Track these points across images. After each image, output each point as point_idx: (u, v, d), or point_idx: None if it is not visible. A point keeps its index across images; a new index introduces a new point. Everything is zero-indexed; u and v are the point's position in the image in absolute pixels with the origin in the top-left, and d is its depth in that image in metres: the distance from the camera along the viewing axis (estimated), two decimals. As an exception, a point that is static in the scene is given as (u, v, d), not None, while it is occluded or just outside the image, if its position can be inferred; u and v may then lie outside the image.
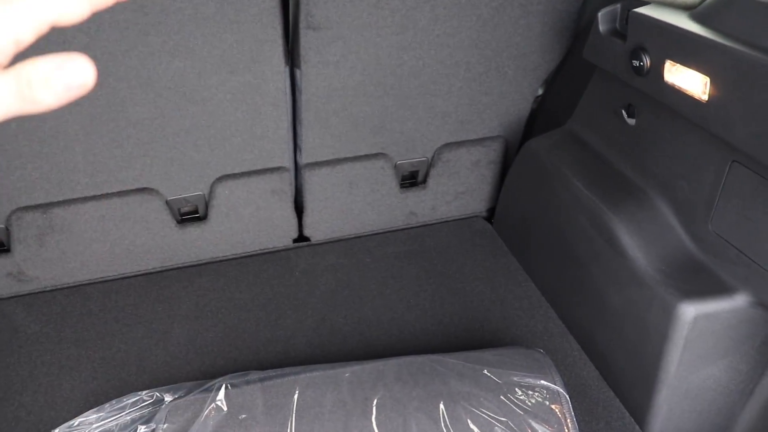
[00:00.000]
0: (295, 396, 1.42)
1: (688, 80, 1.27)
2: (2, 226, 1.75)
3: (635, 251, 1.45)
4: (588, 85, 1.73)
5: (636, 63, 1.40)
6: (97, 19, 1.45)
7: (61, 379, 1.60)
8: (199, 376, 1.59)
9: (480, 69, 1.80)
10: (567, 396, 1.41)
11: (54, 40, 1.45)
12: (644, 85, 1.44)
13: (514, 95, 1.89)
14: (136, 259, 1.89)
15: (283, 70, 1.66)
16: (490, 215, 2.13)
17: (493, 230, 2.06)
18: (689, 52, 1.27)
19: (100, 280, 1.89)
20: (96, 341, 1.70)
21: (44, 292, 1.86)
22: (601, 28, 1.53)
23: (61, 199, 1.74)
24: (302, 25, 1.60)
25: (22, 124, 1.57)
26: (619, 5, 1.51)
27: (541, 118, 2.03)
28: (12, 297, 1.85)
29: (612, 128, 1.64)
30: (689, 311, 1.30)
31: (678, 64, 1.29)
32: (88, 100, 1.57)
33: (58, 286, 1.87)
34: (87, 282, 1.89)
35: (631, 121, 1.56)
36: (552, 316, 1.75)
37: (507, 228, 2.00)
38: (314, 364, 1.53)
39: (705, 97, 1.24)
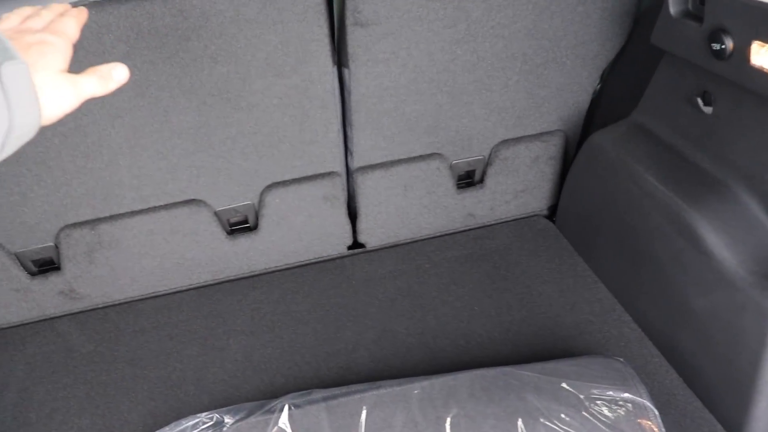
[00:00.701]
0: (363, 416, 1.34)
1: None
2: (52, 243, 1.71)
3: (722, 251, 1.34)
4: (655, 72, 1.62)
5: (716, 46, 1.29)
6: (135, 26, 1.39)
7: (119, 401, 1.55)
8: (258, 395, 1.53)
9: (537, 60, 1.69)
10: (655, 410, 1.31)
11: (93, 50, 1.39)
12: (725, 70, 1.32)
13: (573, 86, 1.78)
14: (187, 273, 1.83)
15: (331, 70, 1.58)
16: (552, 213, 2.03)
17: (555, 229, 1.96)
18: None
19: (152, 295, 1.84)
20: (151, 360, 1.65)
21: (96, 309, 1.82)
22: (672, 10, 1.42)
23: (108, 214, 1.69)
24: (349, 21, 1.52)
25: (65, 139, 1.51)
26: (693, -16, 1.39)
27: (600, 110, 1.92)
28: (65, 315, 1.81)
29: (685, 118, 1.52)
30: (791, 316, 1.19)
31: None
32: (130, 111, 1.51)
33: (110, 303, 1.83)
34: (138, 298, 1.84)
35: (708, 110, 1.44)
36: (627, 321, 1.65)
37: (571, 226, 1.90)
38: (379, 379, 1.45)
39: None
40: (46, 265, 1.76)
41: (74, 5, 0.92)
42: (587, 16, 1.65)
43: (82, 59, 1.38)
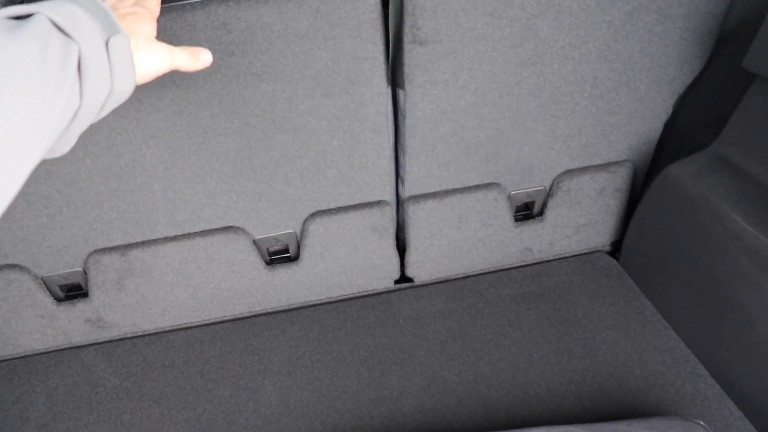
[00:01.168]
0: (410, 477, 1.20)
1: None
2: (80, 269, 1.60)
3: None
4: (742, 99, 1.46)
5: (834, 73, 1.13)
6: (175, 39, 1.27)
7: (143, 444, 1.43)
8: (295, 445, 1.39)
9: (608, 84, 1.55)
10: (747, 487, 1.15)
11: None
12: None
13: (645, 113, 1.63)
14: (222, 305, 1.71)
15: (385, 91, 1.46)
16: (614, 249, 1.87)
17: (619, 267, 1.79)
18: None
19: (184, 327, 1.72)
20: (179, 399, 1.53)
21: (124, 339, 1.71)
22: (777, 31, 1.26)
23: (140, 240, 1.58)
24: (407, 39, 1.39)
25: (98, 159, 1.41)
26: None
27: (673, 140, 1.76)
28: (91, 345, 1.70)
29: (778, 150, 1.36)
30: None
31: None
32: (167, 130, 1.40)
33: (139, 334, 1.71)
34: (169, 329, 1.72)
35: (809, 143, 1.28)
36: (703, 375, 1.48)
37: (638, 265, 1.73)
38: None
39: None
40: (73, 291, 1.66)
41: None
42: (666, 37, 1.50)
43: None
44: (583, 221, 1.78)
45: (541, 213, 1.76)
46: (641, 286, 1.72)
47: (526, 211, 1.78)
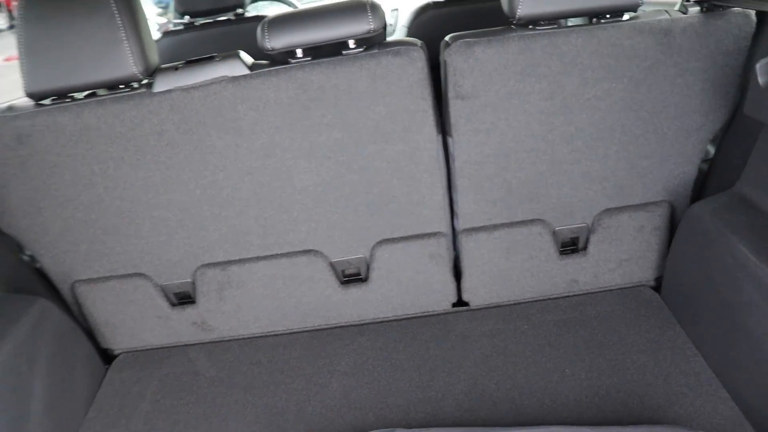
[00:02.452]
0: (436, 456, 1.42)
1: None
2: (189, 280, 1.96)
3: (810, 325, 1.31)
4: (757, 142, 1.62)
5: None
6: (264, 97, 1.63)
7: (229, 420, 1.75)
8: (348, 428, 1.65)
9: (637, 131, 1.75)
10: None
11: (229, 117, 1.65)
12: None
13: (677, 158, 1.81)
14: (302, 317, 2.02)
15: (436, 138, 1.74)
16: (659, 284, 2.02)
17: (660, 300, 1.95)
18: None
19: (270, 333, 2.05)
20: (261, 389, 1.84)
21: (222, 341, 2.05)
22: (761, 80, 1.44)
23: (237, 258, 1.92)
24: (451, 95, 1.67)
25: (205, 191, 1.77)
26: (782, 56, 1.42)
27: (712, 181, 1.91)
28: (196, 344, 2.06)
29: (786, 190, 1.51)
30: None
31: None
32: (259, 169, 1.74)
33: (235, 337, 2.05)
34: (259, 335, 2.05)
35: (806, 182, 1.43)
36: (723, 397, 1.61)
37: (675, 298, 1.88)
38: (464, 426, 1.53)
39: None
40: (184, 299, 2.02)
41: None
42: (687, 88, 1.69)
43: (220, 123, 1.66)
44: (625, 256, 1.96)
45: (584, 248, 1.96)
46: (678, 317, 1.86)
47: (572, 246, 1.98)
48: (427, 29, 2.85)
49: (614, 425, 1.45)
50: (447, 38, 1.69)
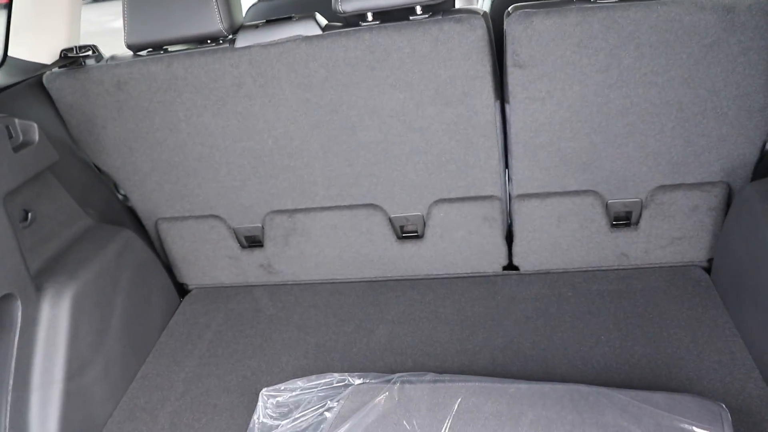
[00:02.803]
0: (459, 400, 1.53)
1: None
2: (259, 224, 2.13)
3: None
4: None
5: None
6: (333, 56, 1.75)
7: (281, 354, 1.92)
8: (387, 370, 1.78)
9: (694, 109, 1.75)
10: (734, 453, 1.32)
11: (302, 73, 1.78)
12: None
13: (737, 138, 1.79)
14: (360, 267, 2.15)
15: (493, 104, 1.81)
16: (711, 266, 2.02)
17: (709, 281, 1.95)
18: None
19: (329, 281, 2.19)
20: (314, 329, 1.99)
21: (285, 284, 2.22)
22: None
23: (303, 206, 2.07)
24: (509, 63, 1.74)
25: (276, 141, 1.92)
26: None
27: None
28: (261, 285, 2.23)
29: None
30: None
31: None
32: (326, 123, 1.87)
33: (297, 282, 2.21)
34: (319, 281, 2.20)
35: None
36: (755, 377, 1.62)
37: (724, 280, 1.89)
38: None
39: None
40: (253, 242, 2.20)
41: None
42: (750, 67, 1.67)
43: (293, 79, 1.79)
44: (677, 234, 1.97)
45: (637, 223, 1.98)
46: (725, 299, 1.87)
47: (626, 220, 2.01)
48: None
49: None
50: (510, 8, 1.75)
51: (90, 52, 1.95)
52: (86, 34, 2.16)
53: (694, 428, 1.38)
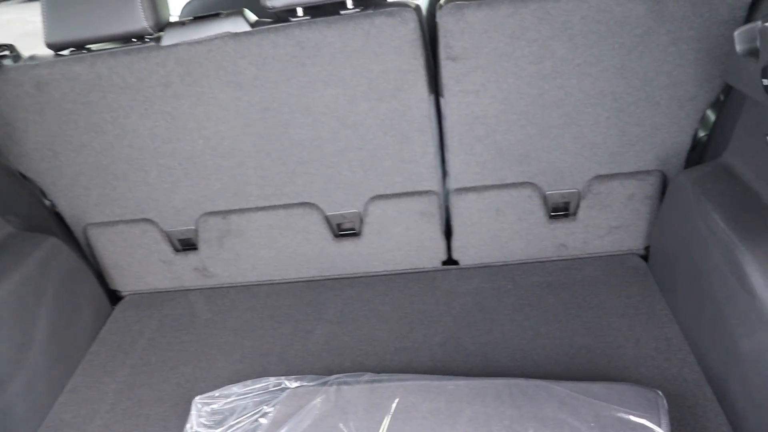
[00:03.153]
0: (397, 399, 1.50)
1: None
2: (193, 227, 2.06)
3: (765, 290, 1.33)
4: (742, 112, 1.61)
5: (766, 81, 1.30)
6: (263, 53, 1.70)
7: (217, 359, 1.86)
8: (325, 371, 1.73)
9: (628, 99, 1.75)
10: (668, 442, 1.32)
11: (230, 71, 1.72)
12: None
13: (670, 127, 1.80)
14: (297, 267, 2.10)
15: (427, 98, 1.78)
16: (648, 253, 2.03)
17: (647, 268, 1.96)
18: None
19: (266, 282, 2.14)
20: (251, 332, 1.94)
21: (221, 287, 2.15)
22: (739, 48, 1.43)
23: (237, 207, 2.01)
24: (442, 56, 1.71)
25: (207, 141, 1.86)
26: (759, 22, 1.40)
27: (710, 152, 1.90)
28: (197, 289, 2.17)
29: (764, 158, 1.51)
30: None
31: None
32: (258, 122, 1.82)
33: (233, 284, 2.15)
34: (255, 283, 2.15)
35: (781, 151, 1.43)
36: (690, 361, 1.63)
37: (660, 267, 1.90)
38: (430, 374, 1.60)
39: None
40: (187, 245, 2.13)
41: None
42: (681, 57, 1.68)
43: (222, 77, 1.74)
44: (615, 224, 1.97)
45: (574, 213, 1.98)
46: (661, 285, 1.88)
47: (564, 211, 2.00)
48: None
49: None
50: (441, 0, 1.73)
51: (7, 52, 1.85)
52: (23, 34, 2.07)
53: (631, 417, 1.38)
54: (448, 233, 2.06)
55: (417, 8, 1.72)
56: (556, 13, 1.64)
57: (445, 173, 1.96)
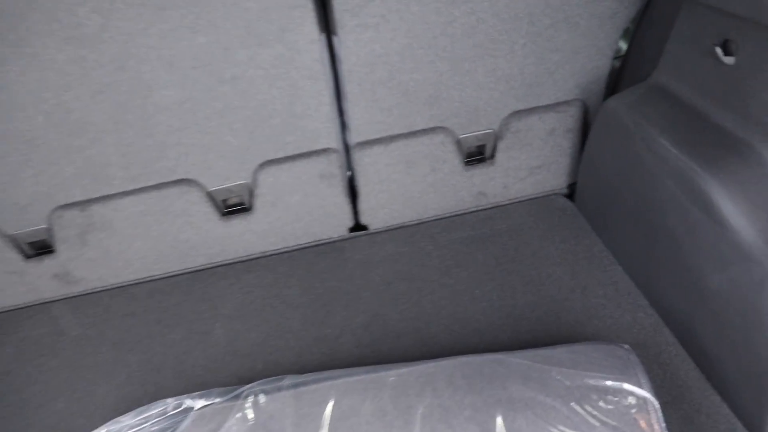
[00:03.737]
0: (330, 404, 1.24)
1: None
2: (45, 226, 1.68)
3: (739, 219, 1.16)
4: (674, 25, 1.44)
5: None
6: None
7: (97, 384, 1.51)
8: (235, 380, 1.44)
9: (546, 21, 1.54)
10: (656, 403, 1.15)
11: (68, 23, 1.35)
12: (741, 6, 1.14)
13: (590, 50, 1.62)
14: (181, 256, 1.77)
15: (318, 38, 1.49)
16: (573, 191, 1.86)
17: (574, 208, 1.79)
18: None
19: (146, 279, 1.79)
20: (135, 344, 1.60)
21: (91, 294, 1.78)
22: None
23: (98, 195, 1.64)
24: None
25: (49, 116, 1.48)
26: None
27: (626, 77, 1.74)
28: (61, 299, 1.78)
29: (705, 73, 1.34)
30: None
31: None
32: (111, 85, 1.46)
33: (105, 287, 1.79)
34: (133, 282, 1.79)
35: (729, 60, 1.26)
36: (643, 305, 1.48)
37: (590, 204, 1.73)
38: (362, 366, 1.34)
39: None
40: (40, 248, 1.73)
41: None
42: None
43: (57, 31, 1.35)
44: (536, 163, 1.78)
45: (492, 156, 1.77)
46: (593, 224, 1.71)
47: (479, 156, 1.79)
48: None
49: (531, 347, 1.29)
50: None
51: None
52: None
53: (608, 382, 1.19)
54: (353, 195, 1.79)
55: None
56: None
57: (344, 126, 1.68)
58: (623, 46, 1.73)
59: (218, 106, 1.55)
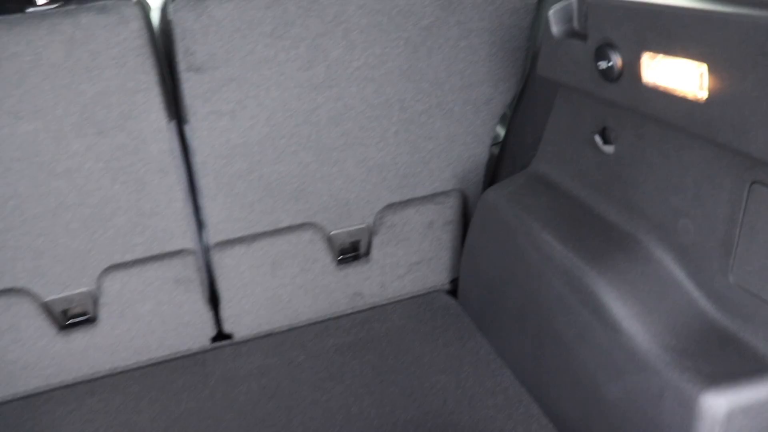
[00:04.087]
0: None
1: (676, 74, 0.94)
2: None
3: (631, 322, 1.08)
4: (551, 113, 1.39)
5: (603, 64, 1.07)
6: None
7: None
8: None
9: (418, 107, 1.46)
10: None
11: None
12: (618, 94, 1.11)
13: (466, 138, 1.55)
14: (11, 379, 1.50)
15: (166, 126, 1.33)
16: (455, 287, 1.75)
17: (458, 306, 1.68)
18: (674, 33, 0.93)
19: None
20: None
21: None
22: (555, 30, 1.21)
23: None
24: (182, 66, 1.28)
25: None
26: (573, -1, 1.18)
27: (506, 165, 1.68)
28: None
29: (585, 161, 1.29)
30: (718, 404, 0.92)
31: (659, 55, 0.96)
32: None
33: None
34: None
35: (609, 149, 1.22)
36: (535, 414, 1.35)
37: (474, 302, 1.62)
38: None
39: (703, 94, 0.90)
40: None
41: None
42: (473, 52, 1.44)
43: None
44: (414, 259, 1.67)
45: (367, 253, 1.64)
46: (479, 323, 1.60)
47: (353, 253, 1.65)
48: None
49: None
50: None
51: None
52: None
53: None
54: (214, 301, 1.59)
55: (141, 2, 1.28)
56: (327, 3, 1.30)
57: (200, 225, 1.51)
58: (501, 132, 1.68)
59: (50, 203, 1.34)
